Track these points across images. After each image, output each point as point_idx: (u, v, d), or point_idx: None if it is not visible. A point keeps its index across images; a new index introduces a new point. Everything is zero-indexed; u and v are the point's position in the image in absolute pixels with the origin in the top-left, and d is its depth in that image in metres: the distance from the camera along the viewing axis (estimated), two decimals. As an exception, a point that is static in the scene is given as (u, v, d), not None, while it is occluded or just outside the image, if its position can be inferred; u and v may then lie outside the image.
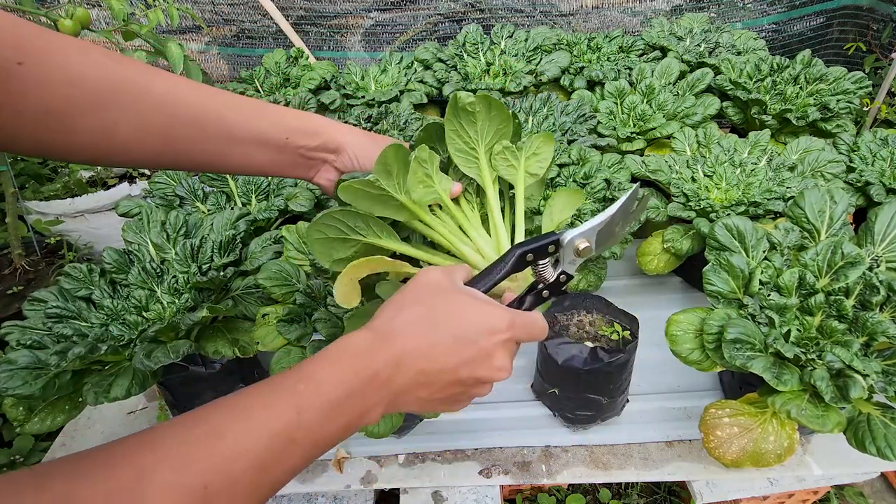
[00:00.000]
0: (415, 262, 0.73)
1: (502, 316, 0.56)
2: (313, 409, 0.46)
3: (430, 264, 0.72)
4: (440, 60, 2.09)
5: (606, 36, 2.13)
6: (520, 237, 0.72)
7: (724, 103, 1.76)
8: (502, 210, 0.74)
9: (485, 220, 0.74)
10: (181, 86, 0.62)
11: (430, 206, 0.71)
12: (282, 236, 1.23)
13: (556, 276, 0.63)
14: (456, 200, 0.74)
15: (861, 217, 1.19)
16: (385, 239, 0.68)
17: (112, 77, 0.57)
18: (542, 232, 0.74)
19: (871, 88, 1.70)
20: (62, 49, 0.54)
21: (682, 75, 1.85)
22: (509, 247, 0.70)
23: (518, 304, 0.63)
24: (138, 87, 0.59)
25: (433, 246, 0.74)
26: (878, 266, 1.03)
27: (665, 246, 1.35)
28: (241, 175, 1.38)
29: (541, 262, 0.63)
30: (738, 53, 1.98)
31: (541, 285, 0.64)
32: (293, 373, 0.48)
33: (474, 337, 0.54)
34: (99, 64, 0.56)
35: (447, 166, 0.75)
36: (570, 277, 0.64)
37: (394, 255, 0.72)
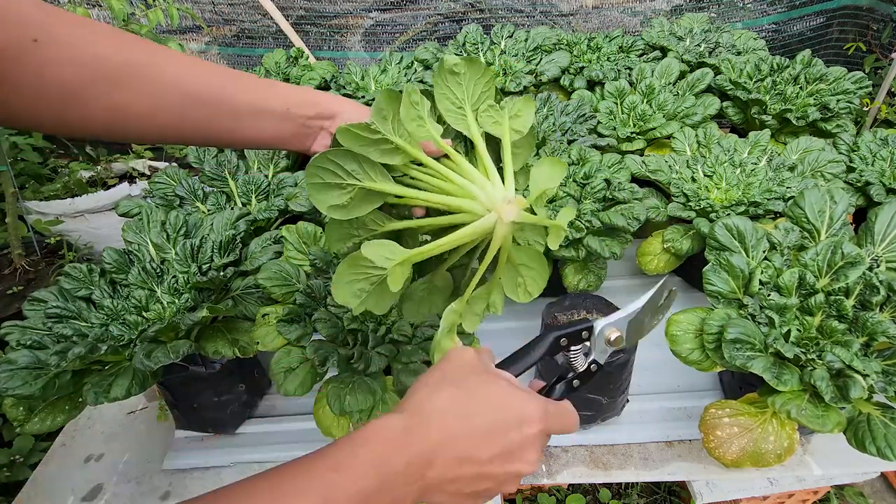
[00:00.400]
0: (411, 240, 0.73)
1: (537, 406, 0.54)
2: (343, 499, 0.44)
3: (428, 210, 0.72)
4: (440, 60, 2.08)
5: (606, 36, 2.13)
6: (510, 180, 0.70)
7: (724, 103, 1.76)
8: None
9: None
10: (190, 65, 0.64)
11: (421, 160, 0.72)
12: (282, 236, 1.23)
13: (587, 364, 0.63)
14: (446, 157, 0.74)
15: (861, 217, 1.19)
16: (380, 182, 0.67)
17: (126, 56, 0.59)
18: (532, 194, 0.73)
19: (871, 88, 1.70)
20: (77, 28, 0.55)
21: (682, 75, 1.85)
22: (502, 185, 0.69)
23: (548, 392, 0.63)
24: (151, 67, 0.61)
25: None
26: (878, 266, 1.03)
27: (665, 246, 1.35)
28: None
29: (573, 348, 0.63)
30: (738, 53, 1.98)
31: (571, 374, 0.64)
32: (327, 457, 0.47)
33: (509, 426, 0.52)
34: (113, 43, 0.58)
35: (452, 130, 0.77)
36: (600, 367, 0.64)
37: (387, 206, 0.72)
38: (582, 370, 0.63)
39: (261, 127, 0.71)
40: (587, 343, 0.63)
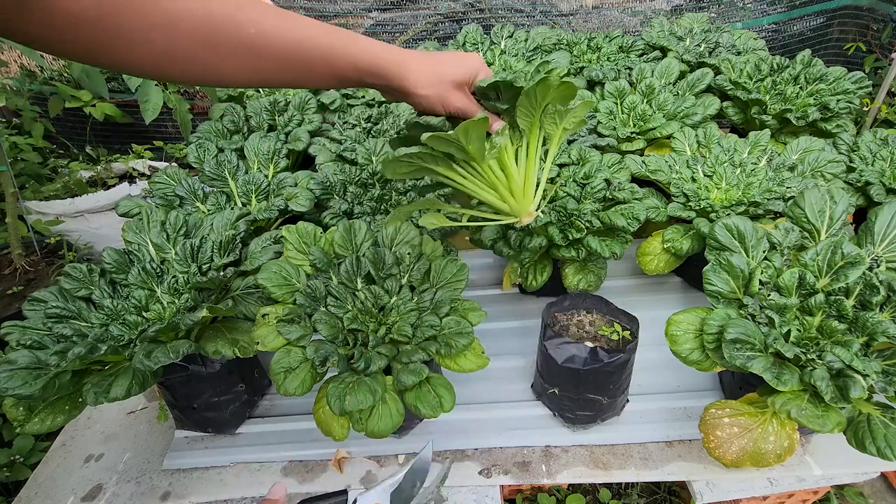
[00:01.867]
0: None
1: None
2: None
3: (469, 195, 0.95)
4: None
5: (606, 36, 2.13)
6: (538, 196, 0.94)
7: (724, 103, 1.76)
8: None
9: (517, 158, 0.93)
10: (270, 21, 0.68)
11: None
12: (282, 236, 1.23)
13: None
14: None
15: (861, 217, 1.19)
16: (441, 167, 0.90)
17: (211, 18, 0.61)
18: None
19: (871, 88, 1.70)
20: None
21: (682, 75, 1.85)
22: (531, 199, 0.93)
23: None
24: (232, 27, 0.64)
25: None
26: (878, 266, 1.03)
27: (665, 246, 1.35)
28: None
29: None
30: (738, 53, 1.98)
31: None
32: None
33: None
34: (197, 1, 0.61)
35: (511, 113, 0.91)
36: None
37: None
38: None
39: (333, 85, 0.79)
40: None
